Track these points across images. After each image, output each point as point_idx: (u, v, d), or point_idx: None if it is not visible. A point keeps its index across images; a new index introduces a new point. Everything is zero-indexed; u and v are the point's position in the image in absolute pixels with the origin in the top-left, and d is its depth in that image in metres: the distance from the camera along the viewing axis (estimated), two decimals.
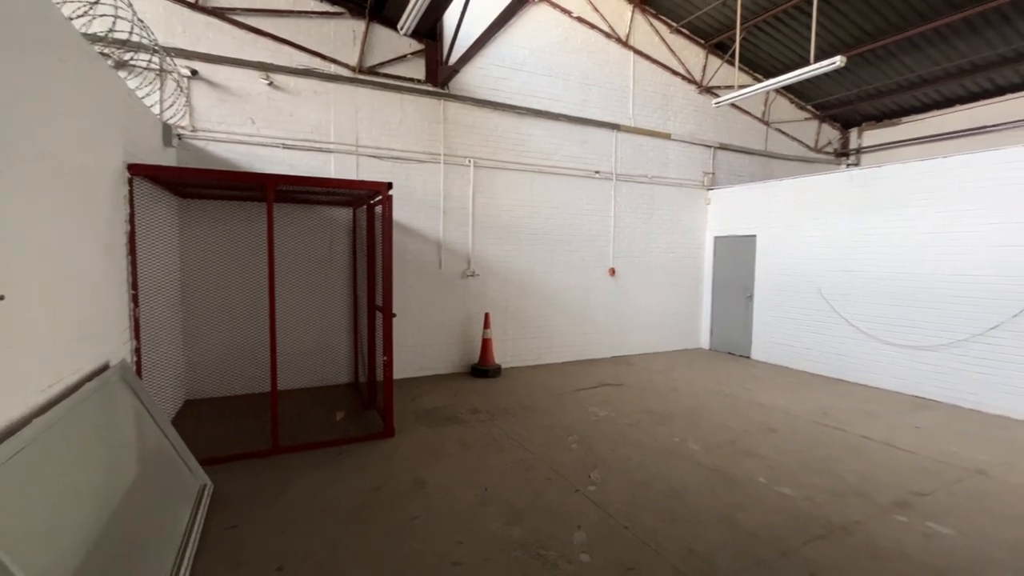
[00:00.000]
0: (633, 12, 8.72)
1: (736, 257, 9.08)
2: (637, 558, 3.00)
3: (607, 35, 8.50)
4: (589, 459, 4.42)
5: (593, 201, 8.50)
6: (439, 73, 7.02)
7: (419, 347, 7.17)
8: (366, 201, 5.68)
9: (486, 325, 7.34)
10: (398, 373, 6.93)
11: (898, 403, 6.18)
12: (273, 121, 6.27)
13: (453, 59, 6.76)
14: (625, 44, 8.68)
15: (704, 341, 9.73)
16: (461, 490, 3.81)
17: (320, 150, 6.51)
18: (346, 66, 6.62)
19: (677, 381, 7.17)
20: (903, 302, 6.60)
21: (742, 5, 8.16)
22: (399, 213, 6.93)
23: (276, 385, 4.37)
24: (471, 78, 7.40)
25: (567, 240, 8.28)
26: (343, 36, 6.60)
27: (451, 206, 7.35)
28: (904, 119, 10.41)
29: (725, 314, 9.29)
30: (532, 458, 4.42)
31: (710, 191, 9.63)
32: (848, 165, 11.33)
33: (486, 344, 7.31)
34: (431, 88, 7.09)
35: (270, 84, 6.20)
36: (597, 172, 8.48)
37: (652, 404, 6.04)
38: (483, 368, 7.18)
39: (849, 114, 11.03)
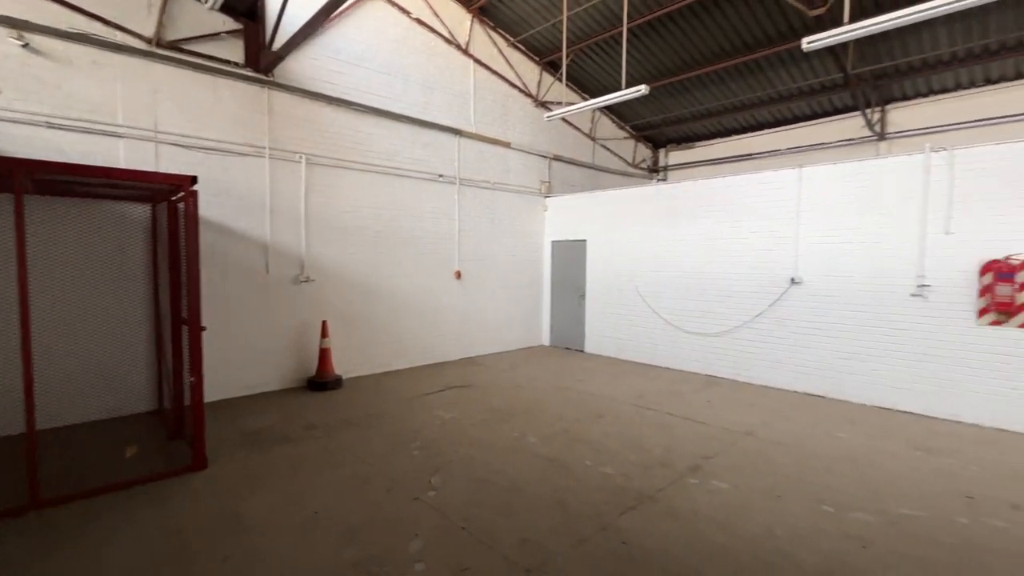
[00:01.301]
0: (472, 22, 8.96)
1: (570, 260, 9.89)
2: (472, 557, 3.04)
3: (447, 40, 8.58)
4: (432, 464, 4.38)
5: (438, 204, 8.51)
6: (261, 58, 6.34)
7: (243, 363, 6.38)
8: (167, 196, 4.86)
9: (324, 334, 6.84)
10: (218, 394, 6.08)
11: (696, 382, 7.34)
12: (32, 93, 5.01)
13: (278, 44, 6.17)
14: (465, 52, 8.87)
15: (546, 338, 10.41)
16: (286, 517, 3.47)
17: (104, 133, 5.40)
18: (139, 36, 5.59)
19: (521, 378, 7.54)
20: (698, 296, 7.86)
21: (569, 30, 8.94)
22: (216, 212, 6.10)
23: (33, 423, 3.47)
24: (302, 68, 6.85)
25: (413, 242, 8.15)
26: (134, 1, 5.57)
27: (280, 205, 6.69)
28: (697, 144, 12.47)
29: (563, 312, 10.06)
30: (371, 470, 4.23)
31: (547, 198, 10.35)
32: (658, 180, 13.17)
33: (324, 354, 6.81)
34: (252, 74, 6.37)
35: (25, 46, 4.95)
36: (441, 176, 8.51)
37: (497, 402, 6.24)
38: (321, 380, 6.67)
39: (658, 136, 12.83)
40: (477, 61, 9.07)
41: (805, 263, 6.72)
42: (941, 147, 5.76)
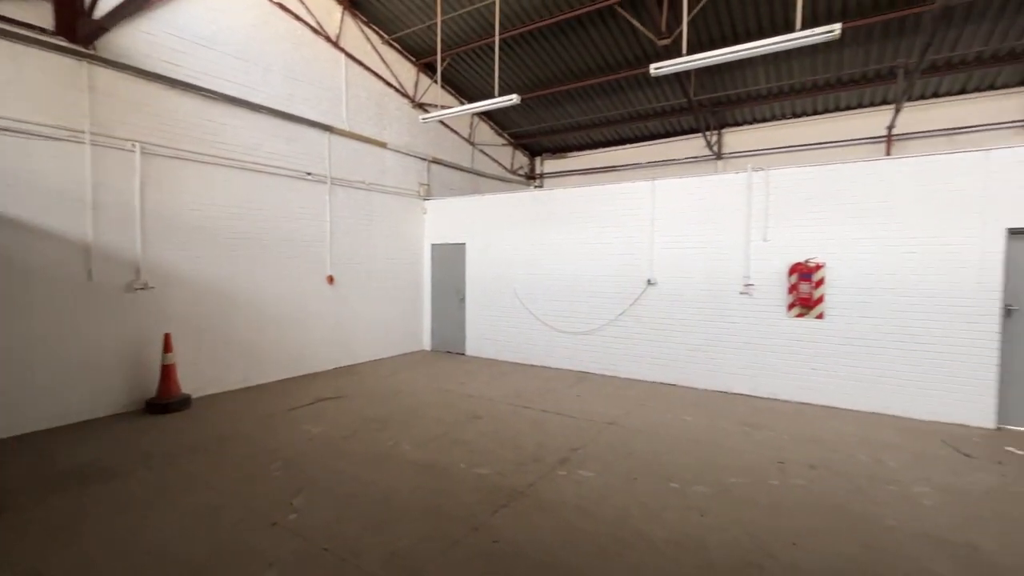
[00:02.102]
0: (343, 14, 8.54)
1: (450, 263, 9.89)
2: None
3: (315, 31, 8.08)
4: (294, 484, 4.06)
5: (307, 204, 7.95)
6: (79, 27, 5.38)
7: (55, 387, 5.34)
8: None
9: (167, 348, 6.00)
10: (22, 426, 5.03)
11: (567, 378, 7.78)
12: None
13: (100, 12, 5.29)
14: (336, 45, 8.42)
15: (427, 343, 10.27)
16: (106, 567, 2.96)
17: None
18: None
19: (400, 384, 7.34)
20: (569, 297, 8.35)
21: (444, 34, 8.95)
22: (14, 206, 5.03)
23: None
24: (135, 43, 5.95)
25: (279, 245, 7.51)
26: None
27: (107, 200, 5.73)
28: (570, 154, 13.27)
29: (443, 316, 10.01)
30: (222, 499, 3.79)
31: (426, 201, 10.24)
32: (535, 187, 13.75)
33: (167, 372, 5.97)
34: (66, 44, 5.38)
35: None
36: (310, 174, 7.97)
37: (372, 411, 6.00)
38: (163, 402, 5.84)
39: (534, 144, 13.40)
40: (349, 56, 8.67)
41: (659, 266, 7.49)
42: (760, 168, 6.81)
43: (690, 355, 7.23)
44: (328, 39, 8.30)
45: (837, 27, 4.61)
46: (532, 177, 13.86)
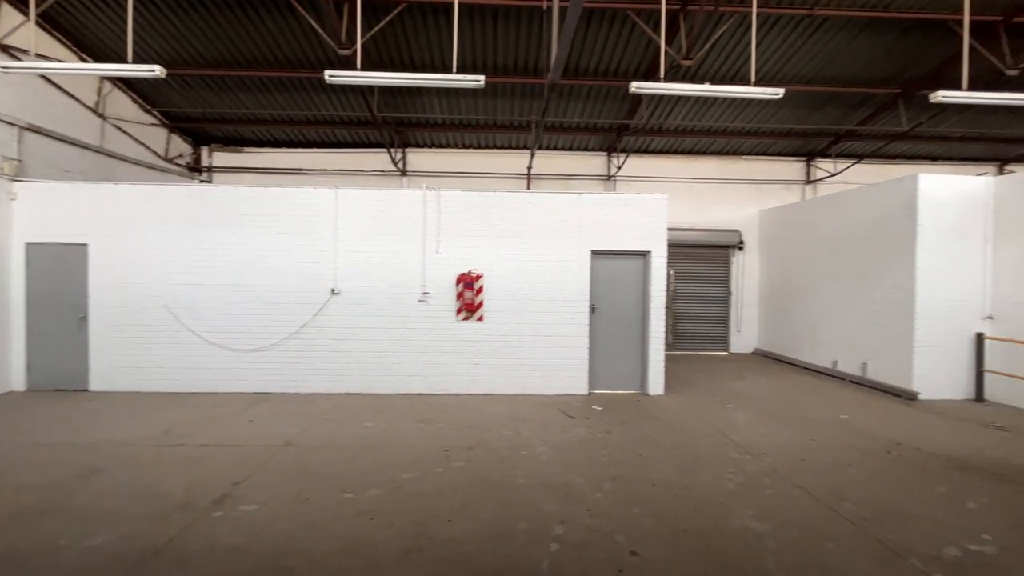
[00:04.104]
0: None
1: (63, 269, 7.35)
2: None
3: None
4: None
5: None
6: None
7: None
8: None
9: None
10: None
11: (241, 403, 6.84)
12: None
13: None
14: None
15: (18, 381, 7.32)
16: None
17: None
18: None
19: None
20: (243, 310, 7.38)
21: None
22: None
23: None
24: None
25: None
26: None
27: None
28: (247, 149, 11.80)
29: (51, 341, 7.33)
30: None
31: (18, 183, 7.34)
32: (202, 181, 11.67)
33: None
34: None
35: None
36: None
37: None
38: None
39: (200, 132, 11.37)
40: None
41: (343, 275, 7.42)
42: (434, 188, 7.58)
43: (374, 362, 7.41)
44: None
45: (481, 78, 5.57)
46: (197, 169, 11.71)
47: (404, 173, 11.77)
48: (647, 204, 7.67)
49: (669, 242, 7.78)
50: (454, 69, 6.09)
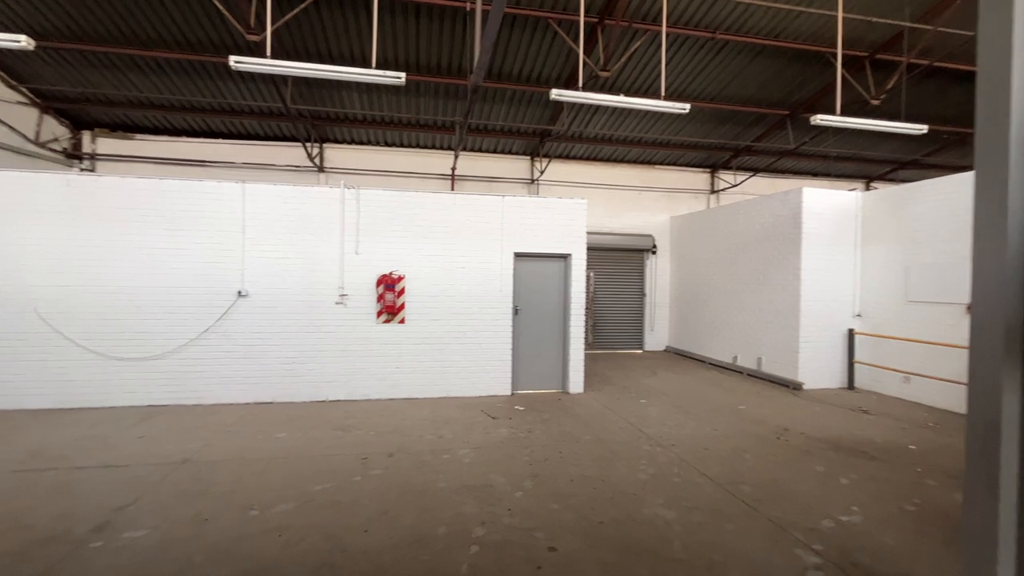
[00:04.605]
0: None
1: None
2: None
3: None
4: None
5: None
6: None
7: None
8: None
9: None
10: None
11: (128, 418, 6.15)
12: None
13: None
14: None
15: None
16: None
17: None
18: None
19: None
20: (132, 315, 6.64)
21: None
22: None
23: None
24: None
25: None
26: None
27: None
28: (138, 136, 10.65)
29: None
30: None
31: None
32: (83, 170, 10.37)
33: None
34: None
35: None
36: None
37: None
38: None
39: (81, 114, 10.09)
40: None
41: (252, 276, 6.92)
42: (353, 186, 7.30)
43: (287, 368, 6.98)
44: None
45: (403, 75, 5.44)
46: (77, 156, 10.38)
47: (322, 169, 11.22)
48: (568, 208, 7.91)
49: (589, 245, 8.08)
50: (374, 64, 5.90)
